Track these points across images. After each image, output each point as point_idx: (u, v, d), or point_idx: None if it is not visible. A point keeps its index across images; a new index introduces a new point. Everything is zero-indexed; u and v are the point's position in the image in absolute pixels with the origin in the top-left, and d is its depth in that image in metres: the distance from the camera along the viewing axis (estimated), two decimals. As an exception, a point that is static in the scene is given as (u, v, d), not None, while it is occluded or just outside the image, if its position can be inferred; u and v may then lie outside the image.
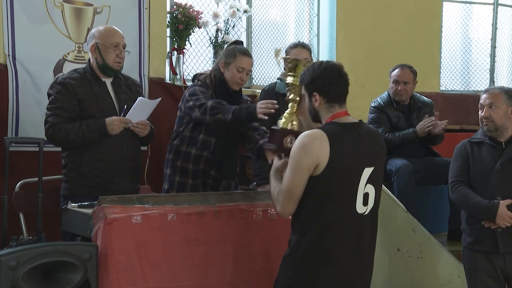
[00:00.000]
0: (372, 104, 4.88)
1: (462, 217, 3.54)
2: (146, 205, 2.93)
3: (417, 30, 6.34)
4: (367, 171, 2.55)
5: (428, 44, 6.47)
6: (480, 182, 3.41)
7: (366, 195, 2.56)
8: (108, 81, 3.53)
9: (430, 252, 4.04)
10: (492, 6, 6.97)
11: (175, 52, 4.94)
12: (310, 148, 2.49)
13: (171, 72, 4.92)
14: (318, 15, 6.00)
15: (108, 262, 2.78)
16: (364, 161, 2.55)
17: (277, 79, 4.09)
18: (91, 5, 4.44)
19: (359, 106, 5.83)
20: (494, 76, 7.03)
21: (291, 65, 2.92)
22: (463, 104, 6.40)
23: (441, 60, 6.71)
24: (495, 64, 7.04)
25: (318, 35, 5.99)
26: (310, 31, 6.05)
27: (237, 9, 5.15)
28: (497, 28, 7.00)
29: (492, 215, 3.29)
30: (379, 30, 6.13)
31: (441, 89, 6.68)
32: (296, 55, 3.92)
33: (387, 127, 4.75)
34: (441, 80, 6.72)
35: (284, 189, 2.56)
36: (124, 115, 3.41)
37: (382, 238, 4.15)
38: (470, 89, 6.90)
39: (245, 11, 5.21)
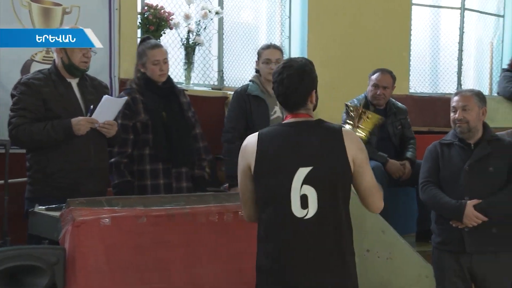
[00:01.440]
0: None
1: (432, 217, 3.58)
2: (116, 208, 2.89)
3: (387, 33, 6.39)
4: (302, 171, 2.39)
5: (398, 47, 6.54)
6: (449, 183, 3.46)
7: (304, 197, 2.38)
8: (74, 82, 3.48)
9: (399, 252, 4.07)
10: (459, 11, 7.08)
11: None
12: (244, 151, 2.51)
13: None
14: (289, 17, 6.00)
15: (76, 265, 2.74)
16: (299, 160, 2.40)
17: (249, 81, 4.08)
18: (60, 5, 4.36)
19: (331, 107, 5.85)
20: (461, 79, 7.14)
21: (354, 114, 2.76)
22: (431, 106, 6.47)
23: (411, 62, 6.78)
24: (462, 67, 7.15)
25: (289, 37, 6.00)
26: (281, 33, 6.05)
27: (208, 10, 5.12)
28: (464, 32, 7.11)
29: (460, 215, 3.34)
30: (350, 32, 6.17)
31: (410, 91, 6.75)
32: (269, 56, 3.94)
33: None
34: (410, 83, 6.79)
35: (240, 195, 2.57)
36: (91, 115, 3.36)
37: (353, 240, 4.18)
38: (439, 92, 7.00)
39: (216, 13, 5.19)
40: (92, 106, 3.38)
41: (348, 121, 2.89)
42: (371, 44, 6.25)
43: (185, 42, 5.09)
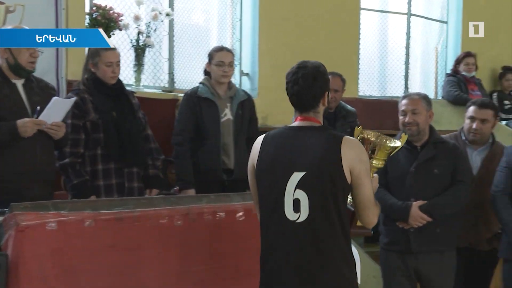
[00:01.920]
0: (299, 108, 4.92)
1: (379, 219, 3.63)
2: (62, 212, 2.83)
3: (337, 37, 6.48)
4: (296, 176, 2.42)
5: (347, 50, 6.63)
6: (396, 184, 3.52)
7: (296, 201, 2.41)
8: (19, 83, 3.39)
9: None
10: (405, 16, 7.24)
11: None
12: (252, 150, 2.56)
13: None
14: (240, 20, 6.01)
15: (20, 271, 2.66)
16: (294, 164, 2.43)
17: (199, 83, 4.06)
18: (2, 3, 4.23)
19: (282, 109, 5.86)
20: (408, 82, 7.30)
21: (370, 147, 2.71)
22: (380, 109, 6.59)
23: (360, 66, 6.88)
24: (409, 71, 7.32)
25: (240, 40, 6.00)
26: (233, 36, 6.05)
27: (159, 12, 5.08)
28: (410, 37, 7.28)
29: (405, 215, 3.41)
30: (301, 36, 6.22)
31: (359, 94, 6.86)
32: (222, 58, 3.93)
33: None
34: (359, 86, 6.90)
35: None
36: (37, 117, 3.27)
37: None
38: (386, 95, 7.14)
39: (167, 14, 5.15)
40: (39, 108, 3.30)
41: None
42: (321, 47, 6.32)
43: (135, 44, 5.03)
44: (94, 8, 4.81)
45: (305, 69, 2.50)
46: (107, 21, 4.77)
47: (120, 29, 4.91)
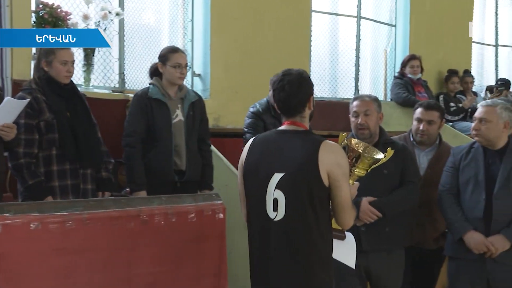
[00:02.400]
0: (251, 109, 4.90)
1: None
2: (7, 214, 2.75)
3: (289, 38, 6.53)
4: (276, 177, 2.57)
5: (299, 52, 6.68)
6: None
7: (275, 201, 2.57)
8: None
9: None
10: (355, 19, 7.36)
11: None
12: (242, 152, 2.76)
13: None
14: (192, 20, 5.98)
15: (-38, 277, 2.57)
16: (275, 166, 2.59)
17: (149, 84, 4.01)
18: None
19: (234, 111, 5.91)
20: (359, 84, 7.43)
21: (353, 155, 2.85)
22: (331, 110, 6.67)
23: (311, 68, 6.95)
24: (359, 73, 7.44)
25: (192, 40, 5.97)
26: (184, 36, 6.01)
27: (108, 11, 4.99)
28: (360, 39, 7.40)
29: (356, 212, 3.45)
30: (252, 37, 6.24)
31: (311, 96, 6.91)
32: (179, 60, 3.90)
33: (262, 134, 4.80)
34: (310, 88, 6.95)
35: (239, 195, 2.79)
36: None
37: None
38: (338, 97, 7.23)
39: (117, 14, 5.07)
40: None
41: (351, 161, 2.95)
42: (273, 49, 6.36)
43: (83, 43, 4.93)
44: (41, 6, 4.69)
45: (290, 75, 2.65)
46: (54, 19, 4.66)
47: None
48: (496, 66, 9.25)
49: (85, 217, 2.97)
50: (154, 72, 4.02)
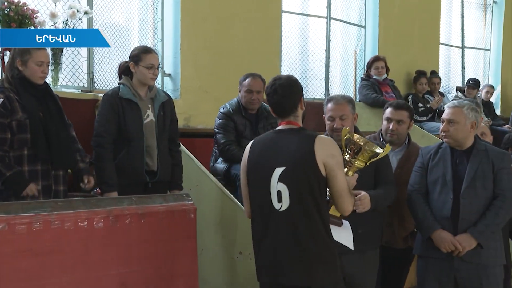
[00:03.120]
0: (221, 110, 4.91)
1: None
2: (-27, 216, 2.70)
3: (259, 38, 6.55)
4: (278, 171, 2.84)
5: (269, 52, 6.71)
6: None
7: (279, 193, 2.83)
8: None
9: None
10: (325, 20, 7.41)
11: (8, 52, 4.60)
12: (244, 153, 3.00)
13: (3, 73, 4.58)
14: (162, 19, 5.95)
15: None
16: (276, 161, 2.85)
17: (119, 83, 3.98)
18: None
19: (204, 111, 5.91)
20: (329, 85, 7.48)
21: (355, 148, 3.10)
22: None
23: (281, 68, 6.98)
24: (330, 74, 7.50)
25: (162, 39, 5.95)
26: (154, 36, 5.98)
27: (77, 10, 4.93)
28: (330, 40, 7.46)
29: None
30: (223, 37, 6.24)
31: (281, 96, 6.93)
32: (153, 61, 3.89)
33: (233, 135, 4.80)
34: (281, 88, 6.97)
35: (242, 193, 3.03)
36: None
37: (224, 242, 4.24)
38: (308, 97, 7.26)
39: (85, 13, 5.01)
40: None
41: (347, 150, 3.16)
42: (243, 49, 6.37)
43: (51, 42, 4.86)
44: (6, 3, 4.60)
45: (280, 80, 2.93)
46: (20, 17, 4.58)
47: (36, 27, 4.73)
48: (463, 67, 9.43)
49: (54, 218, 2.94)
50: (124, 71, 3.99)
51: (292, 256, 2.83)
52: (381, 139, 3.99)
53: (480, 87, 8.63)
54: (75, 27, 5.02)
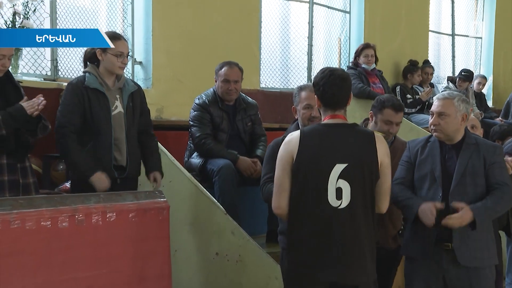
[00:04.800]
0: (196, 101, 4.90)
1: (279, 218, 3.69)
2: None
3: (236, 24, 6.53)
4: (339, 167, 2.98)
5: (248, 39, 6.70)
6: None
7: (339, 190, 2.97)
8: None
9: (249, 254, 4.19)
10: (308, 4, 7.43)
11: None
12: (288, 143, 3.07)
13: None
14: (132, 3, 5.90)
15: None
16: (336, 157, 2.99)
17: (84, 72, 3.94)
18: None
19: (178, 102, 5.89)
20: (312, 74, 7.50)
21: None
22: (282, 102, 6.72)
23: (261, 56, 6.98)
24: (312, 62, 7.52)
25: (132, 24, 5.90)
26: (124, 20, 5.93)
27: (37, -10, 4.87)
28: (313, 26, 7.48)
29: None
30: (197, 22, 6.22)
31: (261, 86, 6.96)
32: (122, 49, 3.85)
33: (209, 128, 4.79)
34: (261, 77, 7.00)
35: (274, 185, 3.10)
36: None
37: (200, 243, 4.24)
38: (289, 87, 7.27)
39: (47, -6, 4.95)
40: None
41: None
42: (220, 35, 6.35)
43: (10, 26, 4.80)
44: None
45: (337, 71, 3.12)
46: (-26, -2, 4.52)
47: (-9, 9, 4.67)
48: (453, 56, 9.53)
49: (13, 217, 2.91)
50: (90, 59, 3.95)
51: (358, 254, 3.02)
52: None
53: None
54: (36, 10, 4.96)
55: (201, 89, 5.09)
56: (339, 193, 2.98)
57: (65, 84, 4.35)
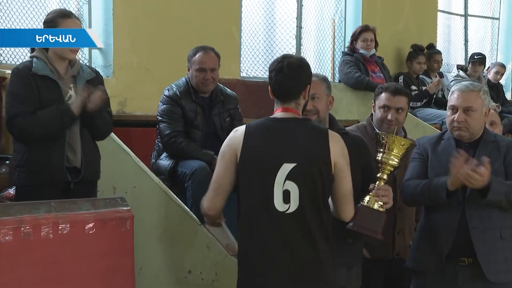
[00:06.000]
0: (166, 93, 4.88)
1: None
2: None
3: (213, 3, 6.53)
4: (286, 167, 3.04)
5: (226, 20, 6.71)
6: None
7: (286, 192, 3.03)
8: None
9: (227, 272, 4.18)
10: (296, -19, 7.47)
11: None
12: (231, 140, 3.15)
13: None
14: (89, -23, 5.90)
15: None
16: (284, 155, 3.05)
17: (31, 56, 3.92)
18: None
19: (145, 93, 5.88)
20: (301, 61, 7.50)
21: (386, 141, 3.30)
22: (266, 93, 6.60)
23: (241, 40, 7.00)
24: (302, 47, 7.54)
25: (89, 2, 5.89)
26: (79, -4, 5.92)
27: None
28: (302, 5, 7.50)
29: None
30: (167, 1, 6.20)
31: (241, 75, 6.98)
32: (69, 27, 3.82)
33: (180, 124, 4.78)
34: (241, 65, 7.01)
35: (212, 183, 3.19)
36: None
37: (170, 259, 4.24)
38: (274, 77, 7.26)
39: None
40: None
41: (379, 149, 3.34)
42: (193, 16, 6.35)
43: None
44: None
45: (290, 58, 3.18)
46: None
47: None
48: (466, 40, 9.59)
49: None
50: None
51: (311, 262, 3.06)
52: (375, 132, 4.00)
53: (487, 64, 8.76)
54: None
55: (172, 79, 5.08)
56: (286, 196, 3.03)
57: (9, 71, 4.33)
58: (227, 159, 3.13)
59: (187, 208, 4.33)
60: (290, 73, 3.11)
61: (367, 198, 3.28)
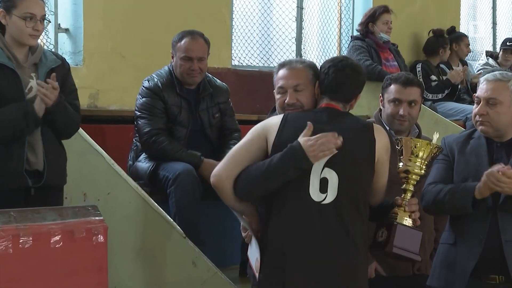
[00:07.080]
0: (145, 84, 4.86)
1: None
2: None
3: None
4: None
5: (216, 1, 6.71)
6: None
7: (324, 181, 3.18)
8: None
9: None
10: (296, -44, 7.48)
11: None
12: (268, 122, 3.37)
13: None
14: None
15: None
16: None
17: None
18: None
19: (121, 84, 5.87)
20: (302, 47, 7.53)
21: (411, 147, 3.44)
22: (262, 85, 6.71)
23: (233, 24, 7.00)
24: (303, 31, 7.55)
25: (55, -23, 5.88)
26: (43, -28, 5.89)
27: None
28: (303, -18, 7.52)
29: None
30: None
31: (233, 64, 6.98)
32: (31, 9, 3.88)
33: (162, 120, 4.77)
34: (233, 52, 7.02)
35: (232, 154, 3.32)
36: None
37: (150, 276, 4.25)
38: (272, 65, 7.26)
39: None
40: None
41: (400, 157, 3.46)
42: (178, -5, 6.35)
43: None
44: None
45: (351, 60, 3.49)
46: None
47: None
48: (494, 23, 9.60)
49: None
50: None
51: (346, 260, 3.22)
52: (387, 128, 4.01)
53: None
54: None
55: (152, 68, 5.08)
56: (323, 185, 3.19)
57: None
58: (256, 134, 3.32)
59: (169, 218, 4.34)
60: (351, 75, 3.37)
61: (398, 214, 3.38)
